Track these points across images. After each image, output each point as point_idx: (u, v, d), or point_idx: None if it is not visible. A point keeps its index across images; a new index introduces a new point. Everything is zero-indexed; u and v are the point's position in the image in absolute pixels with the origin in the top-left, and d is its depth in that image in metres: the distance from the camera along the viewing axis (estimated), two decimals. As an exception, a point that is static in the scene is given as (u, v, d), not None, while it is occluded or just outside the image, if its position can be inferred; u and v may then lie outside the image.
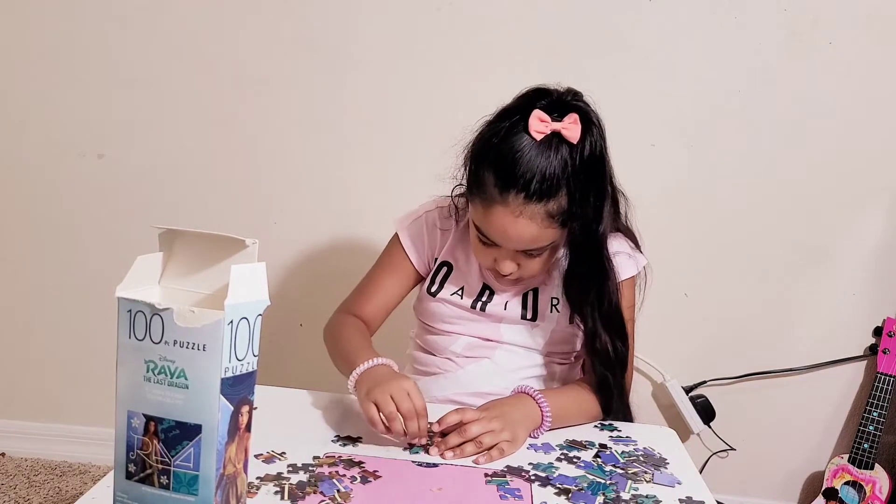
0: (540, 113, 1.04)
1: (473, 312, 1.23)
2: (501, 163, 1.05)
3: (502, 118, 1.09)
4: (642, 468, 1.01)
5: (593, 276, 1.13)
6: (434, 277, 1.25)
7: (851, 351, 1.93)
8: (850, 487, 1.85)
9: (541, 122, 1.04)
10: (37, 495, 1.91)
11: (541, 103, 1.06)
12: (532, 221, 1.06)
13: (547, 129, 1.04)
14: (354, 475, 0.92)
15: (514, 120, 1.06)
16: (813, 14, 1.79)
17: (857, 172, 1.85)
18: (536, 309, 1.22)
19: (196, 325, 0.64)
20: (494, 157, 1.07)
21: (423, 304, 1.28)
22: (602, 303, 1.13)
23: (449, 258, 1.25)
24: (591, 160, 1.06)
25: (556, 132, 1.04)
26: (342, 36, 1.86)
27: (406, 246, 1.27)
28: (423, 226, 1.26)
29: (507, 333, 1.23)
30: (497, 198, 1.06)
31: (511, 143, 1.05)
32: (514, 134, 1.05)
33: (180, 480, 0.66)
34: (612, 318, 1.14)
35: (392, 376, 1.04)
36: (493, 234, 1.10)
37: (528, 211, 1.05)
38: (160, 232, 0.73)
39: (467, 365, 1.24)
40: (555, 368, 1.27)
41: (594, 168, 1.07)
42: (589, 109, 1.08)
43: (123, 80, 1.91)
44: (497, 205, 1.06)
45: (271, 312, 0.69)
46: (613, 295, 1.14)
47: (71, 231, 1.99)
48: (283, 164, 1.92)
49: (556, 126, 1.04)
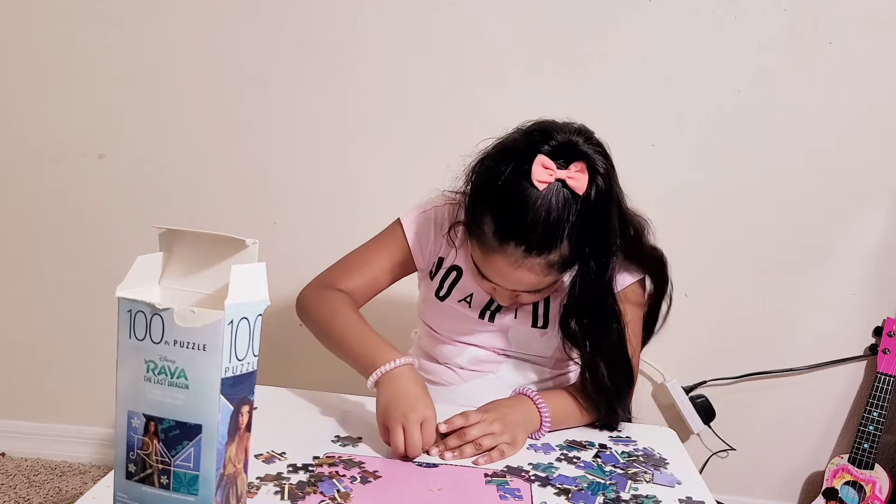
0: (544, 159, 0.99)
1: (482, 322, 1.20)
2: (502, 212, 1.00)
3: (504, 157, 1.03)
4: (642, 468, 1.01)
5: (595, 322, 1.09)
6: (442, 282, 1.20)
7: (851, 351, 1.93)
8: (850, 487, 1.85)
9: (544, 169, 0.98)
10: (37, 495, 1.91)
11: (545, 148, 1.00)
12: (531, 272, 1.03)
13: (551, 178, 0.98)
14: (354, 475, 0.92)
15: (515, 163, 1.00)
16: (813, 14, 1.79)
17: (857, 172, 1.85)
18: (548, 317, 1.19)
19: (196, 325, 0.64)
20: (494, 204, 1.01)
21: (430, 307, 1.24)
22: (603, 343, 1.10)
23: (460, 263, 1.19)
24: (597, 209, 1.01)
25: (559, 179, 0.99)
26: (342, 36, 1.86)
27: (409, 236, 1.20)
28: (432, 221, 1.20)
29: (515, 342, 1.21)
30: (496, 246, 1.02)
31: (512, 192, 0.99)
32: (515, 180, 0.99)
33: (180, 480, 0.65)
34: (614, 357, 1.10)
35: (414, 399, 1.00)
36: (492, 277, 1.07)
37: (528, 263, 1.01)
38: (160, 232, 0.73)
39: (472, 380, 1.23)
40: (561, 380, 1.25)
41: (599, 219, 1.02)
42: (596, 156, 1.02)
43: (123, 80, 1.91)
44: (496, 253, 1.02)
45: (271, 312, 0.69)
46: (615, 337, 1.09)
47: (71, 231, 1.99)
48: (284, 164, 1.92)
49: (560, 174, 0.99)
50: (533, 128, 1.06)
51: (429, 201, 1.23)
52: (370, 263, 1.22)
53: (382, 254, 1.22)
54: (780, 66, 1.81)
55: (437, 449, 1.00)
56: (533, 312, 1.19)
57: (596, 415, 1.14)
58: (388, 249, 1.22)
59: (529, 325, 1.19)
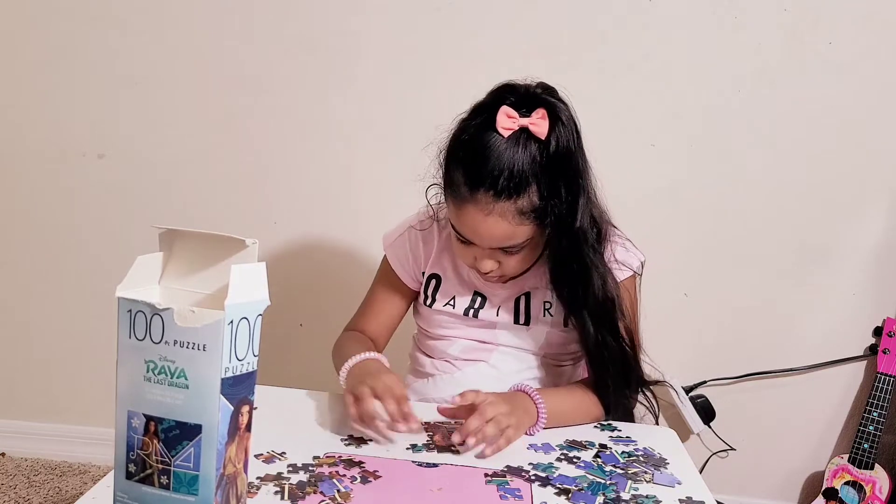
0: (507, 109, 1.03)
1: (467, 319, 1.23)
2: (470, 161, 1.05)
3: (473, 115, 1.08)
4: (642, 468, 1.01)
5: (577, 274, 1.11)
6: (426, 290, 1.25)
7: (851, 351, 1.93)
8: (850, 487, 1.85)
9: (508, 118, 1.03)
10: (37, 495, 1.91)
11: (509, 99, 1.05)
12: (503, 219, 1.05)
13: (514, 125, 1.03)
14: (354, 475, 0.92)
15: (483, 117, 1.05)
16: (813, 14, 1.79)
17: (857, 172, 1.85)
18: (529, 314, 1.21)
19: (196, 325, 0.64)
20: (463, 155, 1.06)
21: (420, 312, 1.30)
22: (588, 299, 1.11)
23: (436, 270, 1.24)
24: (561, 154, 1.04)
25: (523, 128, 1.03)
26: (342, 36, 1.86)
27: (394, 265, 1.27)
28: (407, 243, 1.26)
29: (502, 337, 1.23)
30: (467, 196, 1.05)
31: (479, 141, 1.04)
32: (482, 131, 1.04)
33: (180, 480, 0.66)
34: (600, 314, 1.12)
35: (378, 370, 1.06)
36: (466, 232, 1.10)
37: (498, 208, 1.04)
38: (160, 232, 0.73)
39: (465, 367, 1.24)
40: (554, 371, 1.26)
41: (564, 162, 1.05)
42: (558, 104, 1.06)
43: (123, 81, 1.91)
44: (468, 203, 1.05)
45: (271, 312, 0.69)
46: (600, 290, 1.11)
47: (71, 231, 1.99)
48: (284, 164, 1.92)
49: (523, 122, 1.03)
50: (498, 86, 1.10)
51: (404, 223, 1.29)
52: (379, 305, 1.30)
53: (386, 294, 1.30)
54: (780, 66, 1.81)
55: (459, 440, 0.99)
56: (514, 309, 1.21)
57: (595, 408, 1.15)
58: (387, 288, 1.30)
59: (512, 322, 1.22)
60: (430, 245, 1.25)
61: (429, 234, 1.25)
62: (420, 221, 1.26)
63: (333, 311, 1.41)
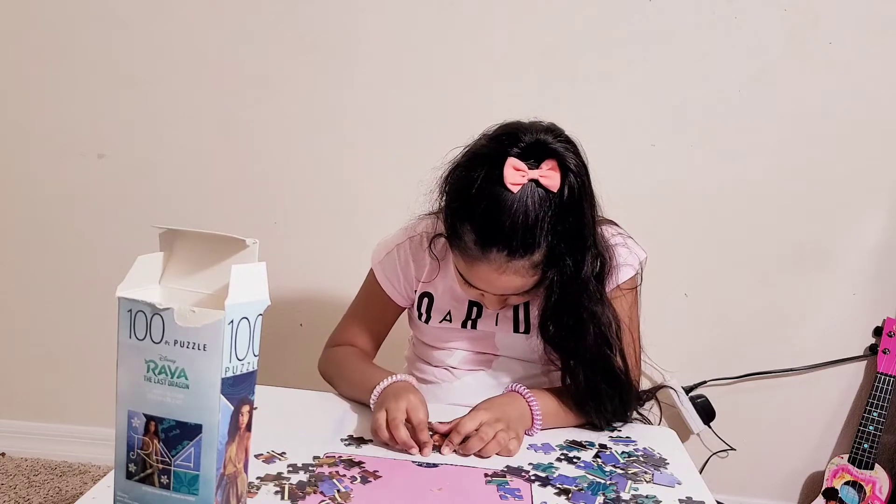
0: (515, 161, 0.99)
1: (465, 330, 1.21)
2: (480, 220, 1.01)
3: (475, 164, 1.03)
4: (642, 468, 1.01)
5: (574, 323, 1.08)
6: (419, 308, 1.23)
7: (851, 351, 1.93)
8: (850, 487, 1.85)
9: (516, 171, 0.99)
10: (37, 495, 1.91)
11: (514, 150, 1.00)
12: (517, 275, 1.03)
13: (524, 179, 0.99)
14: (354, 475, 0.92)
15: (486, 168, 1.00)
16: (813, 14, 1.79)
17: (857, 172, 1.85)
18: (528, 322, 1.19)
19: (196, 324, 0.64)
20: (471, 213, 1.01)
21: (415, 325, 1.28)
22: (583, 349, 1.08)
23: (429, 289, 1.21)
24: (571, 205, 1.01)
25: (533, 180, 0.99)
26: (343, 36, 1.86)
27: (382, 283, 1.24)
28: (396, 260, 1.22)
29: (502, 346, 1.22)
30: (479, 255, 1.02)
31: (488, 198, 0.99)
32: (489, 185, 0.99)
33: (181, 480, 0.66)
34: (596, 363, 1.09)
35: (403, 390, 1.05)
36: (479, 285, 1.07)
37: (513, 266, 1.01)
38: (160, 232, 0.73)
39: (464, 376, 1.23)
40: (555, 376, 1.24)
41: (574, 213, 1.02)
42: (566, 153, 1.01)
43: (123, 80, 1.91)
44: (480, 262, 1.02)
45: (271, 312, 0.69)
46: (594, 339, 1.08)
47: (71, 231, 1.99)
48: (284, 164, 1.92)
49: (532, 174, 0.99)
50: (499, 131, 1.05)
51: (392, 239, 1.25)
52: (366, 320, 1.28)
53: (373, 309, 1.27)
54: (780, 66, 1.81)
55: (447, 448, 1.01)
56: (514, 318, 1.20)
57: (585, 416, 1.14)
58: (374, 303, 1.27)
59: (511, 331, 1.20)
60: (421, 264, 1.21)
61: (420, 253, 1.21)
62: (409, 239, 1.22)
63: (333, 311, 1.41)
